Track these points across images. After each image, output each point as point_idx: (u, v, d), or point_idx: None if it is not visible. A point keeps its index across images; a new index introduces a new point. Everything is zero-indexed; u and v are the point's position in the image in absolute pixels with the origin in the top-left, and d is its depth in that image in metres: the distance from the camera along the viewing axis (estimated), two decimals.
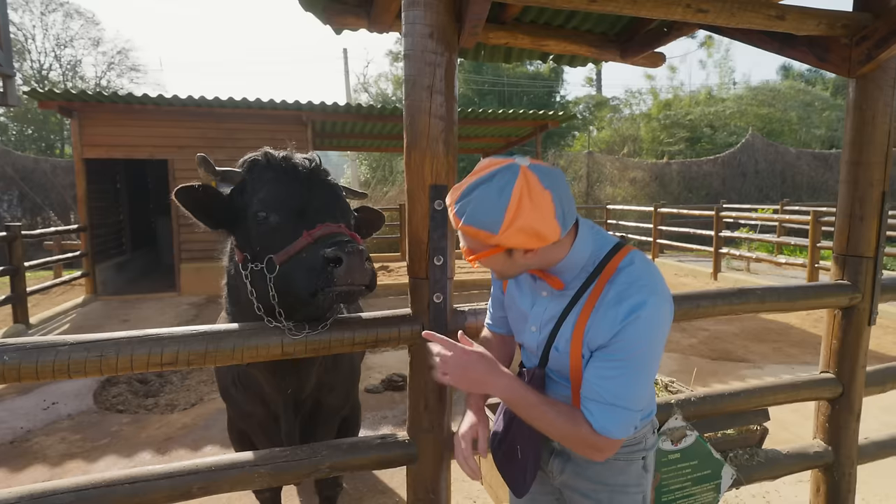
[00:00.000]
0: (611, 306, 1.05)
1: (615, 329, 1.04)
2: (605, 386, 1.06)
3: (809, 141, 22.03)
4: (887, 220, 2.02)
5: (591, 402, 1.08)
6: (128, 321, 6.60)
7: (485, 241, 1.03)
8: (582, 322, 1.09)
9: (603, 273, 1.10)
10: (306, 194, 1.48)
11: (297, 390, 1.74)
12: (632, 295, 1.04)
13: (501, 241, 1.01)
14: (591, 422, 1.07)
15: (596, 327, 1.07)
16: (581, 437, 1.07)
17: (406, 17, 1.43)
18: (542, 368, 1.21)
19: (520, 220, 0.98)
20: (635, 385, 1.06)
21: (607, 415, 1.06)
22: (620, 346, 1.04)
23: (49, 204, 14.78)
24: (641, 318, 1.02)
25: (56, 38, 23.94)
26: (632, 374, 1.06)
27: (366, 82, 25.85)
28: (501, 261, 1.08)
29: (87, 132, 7.59)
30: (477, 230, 1.01)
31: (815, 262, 7.89)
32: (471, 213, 1.01)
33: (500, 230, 0.99)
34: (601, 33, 2.91)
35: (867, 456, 2.21)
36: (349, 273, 1.26)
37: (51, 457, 3.27)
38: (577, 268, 1.12)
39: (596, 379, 1.07)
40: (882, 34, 1.86)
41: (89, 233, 7.86)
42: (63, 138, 22.51)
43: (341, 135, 9.95)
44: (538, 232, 1.00)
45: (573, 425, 1.07)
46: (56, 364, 1.23)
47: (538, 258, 1.09)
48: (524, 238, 1.00)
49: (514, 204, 0.98)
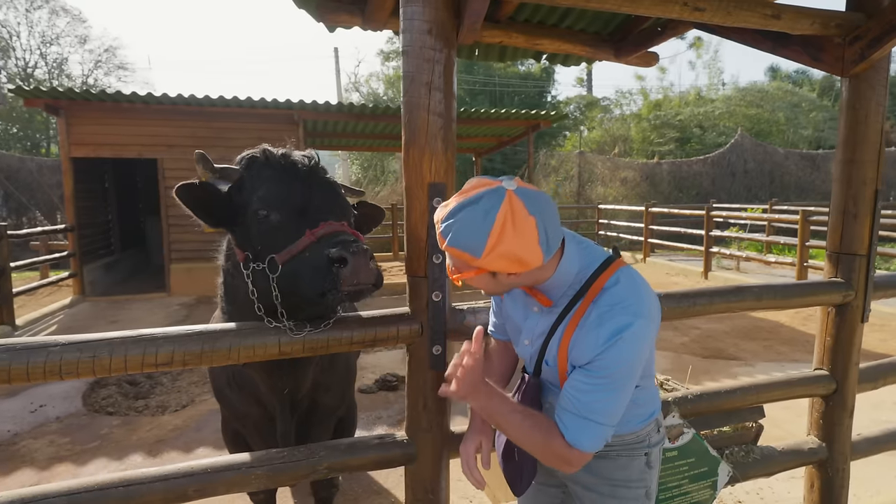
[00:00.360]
0: (592, 328, 1.07)
1: (597, 351, 1.06)
2: (581, 399, 1.08)
3: (797, 141, 22.29)
4: (880, 218, 2.04)
5: (565, 412, 1.10)
6: (117, 322, 6.51)
7: (468, 262, 1.04)
8: (566, 340, 1.12)
9: (588, 293, 1.11)
10: (306, 192, 1.46)
11: (293, 390, 1.72)
12: (614, 317, 1.06)
13: (483, 265, 1.03)
14: (564, 433, 1.09)
15: (578, 347, 1.09)
16: (552, 448, 1.10)
17: (404, 12, 1.41)
18: (537, 377, 1.25)
19: (502, 245, 0.99)
20: (611, 402, 1.08)
21: (580, 428, 1.08)
22: (601, 366, 1.06)
23: (35, 204, 14.56)
24: (623, 340, 1.04)
25: (41, 36, 23.60)
26: (609, 392, 1.07)
27: (357, 82, 25.72)
28: (486, 281, 1.10)
29: (75, 131, 7.48)
30: (461, 252, 1.03)
31: (805, 260, 7.98)
32: (455, 234, 1.02)
33: (482, 255, 1.00)
34: (595, 33, 2.91)
35: (860, 452, 2.23)
36: (355, 273, 1.26)
37: (38, 460, 3.21)
38: (564, 286, 1.14)
39: (573, 391, 1.09)
40: (875, 34, 1.88)
41: (77, 233, 7.75)
42: (49, 137, 22.19)
43: (333, 134, 9.90)
44: (520, 258, 1.01)
45: (546, 437, 1.10)
46: (47, 365, 1.20)
47: (522, 280, 1.11)
48: (506, 263, 1.02)
49: (498, 229, 0.99)
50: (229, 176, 1.52)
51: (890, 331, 6.10)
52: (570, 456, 1.09)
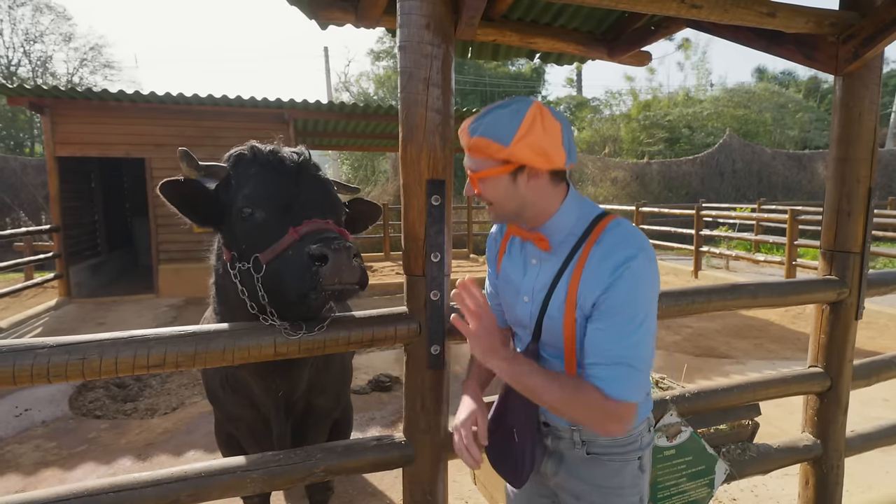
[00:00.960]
0: (600, 261, 1.06)
1: (606, 283, 1.04)
2: (606, 346, 1.04)
3: (783, 142, 22.57)
4: (873, 216, 2.05)
5: (595, 367, 1.05)
6: (104, 324, 6.41)
7: (495, 154, 1.07)
8: (574, 284, 1.09)
9: (591, 235, 1.11)
10: (293, 189, 1.42)
11: (288, 392, 1.69)
12: (620, 249, 1.06)
13: (512, 152, 1.05)
14: (602, 387, 1.02)
15: (586, 284, 1.07)
16: (594, 405, 1.02)
17: (402, 7, 1.39)
18: (536, 343, 1.20)
19: (531, 136, 1.04)
20: (636, 341, 1.03)
21: (616, 377, 1.02)
22: (614, 301, 1.04)
23: (19, 204, 14.31)
24: (632, 270, 1.03)
25: (25, 33, 23.23)
26: (630, 329, 1.03)
27: (347, 81, 25.62)
28: (504, 187, 1.11)
29: (60, 129, 7.35)
30: (489, 141, 1.06)
31: (793, 259, 8.06)
32: (485, 126, 1.07)
33: (511, 142, 1.04)
34: (588, 32, 2.91)
35: (854, 448, 2.24)
36: (336, 271, 1.20)
37: (24, 465, 3.14)
38: (565, 230, 1.14)
39: (596, 342, 1.05)
40: (868, 33, 1.89)
41: (62, 233, 7.61)
42: (33, 136, 21.85)
43: (323, 134, 9.83)
44: (547, 152, 1.06)
45: (584, 393, 1.03)
46: (35, 368, 1.16)
47: (537, 194, 1.12)
48: (533, 155, 1.06)
49: (528, 122, 1.04)
50: (216, 174, 1.48)
51: (878, 328, 6.18)
52: (616, 410, 1.02)
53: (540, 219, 1.15)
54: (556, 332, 1.14)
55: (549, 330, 1.16)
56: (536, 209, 1.14)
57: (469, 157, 1.13)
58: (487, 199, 1.15)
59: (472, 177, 1.14)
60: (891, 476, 2.90)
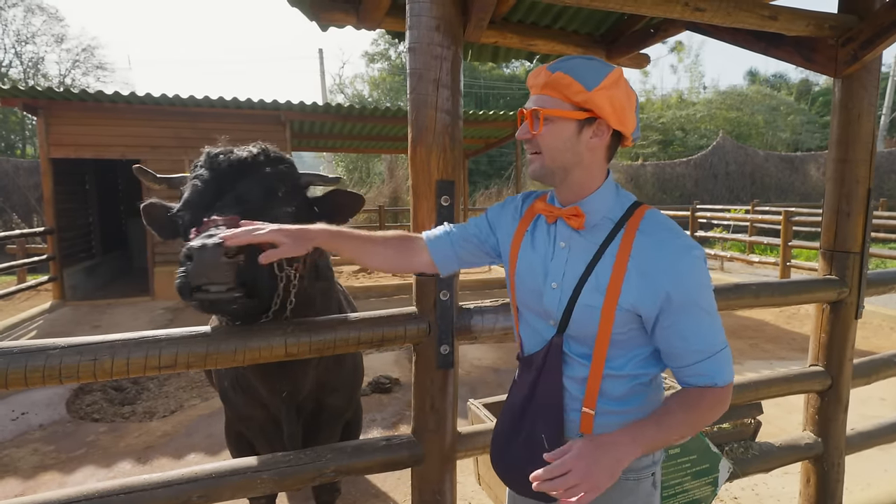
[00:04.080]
0: (656, 251, 1.01)
1: (674, 274, 0.99)
2: (700, 339, 1.02)
3: (775, 144, 22.76)
4: (872, 216, 2.08)
5: (698, 365, 1.03)
6: (99, 327, 6.35)
7: (573, 94, 1.01)
8: (619, 272, 1.02)
9: (630, 221, 1.06)
10: (220, 189, 1.36)
11: (292, 392, 1.69)
12: (676, 239, 1.02)
13: (592, 97, 1.00)
14: (713, 382, 1.03)
15: (642, 275, 1.01)
16: (713, 406, 1.03)
17: (411, 9, 1.40)
18: (560, 336, 1.10)
19: (615, 89, 1.00)
20: (719, 326, 1.04)
21: (719, 365, 1.02)
22: (692, 293, 1.00)
23: (11, 206, 14.17)
24: (698, 258, 1.01)
25: (17, 34, 23.04)
26: (712, 317, 1.03)
27: (342, 83, 25.61)
28: (567, 135, 1.04)
29: (54, 131, 7.29)
30: (571, 80, 1.00)
31: (787, 260, 8.13)
32: (570, 67, 1.02)
33: (595, 88, 0.99)
34: (587, 34, 2.93)
35: (854, 446, 2.26)
36: (200, 271, 1.12)
37: (23, 469, 3.11)
38: (602, 212, 1.08)
39: (687, 336, 1.02)
40: (867, 36, 1.91)
41: (56, 235, 7.55)
42: (25, 138, 21.67)
43: (319, 135, 9.81)
44: (624, 111, 1.02)
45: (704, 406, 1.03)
46: (46, 369, 1.15)
47: (593, 156, 1.06)
48: (610, 109, 1.01)
49: (615, 76, 1.01)
50: (178, 184, 1.49)
51: (872, 328, 6.24)
52: (727, 395, 1.04)
53: (582, 190, 1.09)
54: (589, 323, 1.05)
55: (581, 321, 1.06)
56: (584, 176, 1.08)
57: (539, 96, 1.05)
58: (541, 146, 1.06)
59: (540, 112, 1.03)
60: (890, 474, 2.93)
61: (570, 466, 0.90)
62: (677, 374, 1.07)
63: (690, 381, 1.05)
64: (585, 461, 0.91)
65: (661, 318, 1.02)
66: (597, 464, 0.91)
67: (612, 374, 1.08)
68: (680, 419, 1.01)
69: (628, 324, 1.04)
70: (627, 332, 1.05)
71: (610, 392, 1.09)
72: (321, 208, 1.57)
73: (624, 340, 1.06)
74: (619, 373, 1.08)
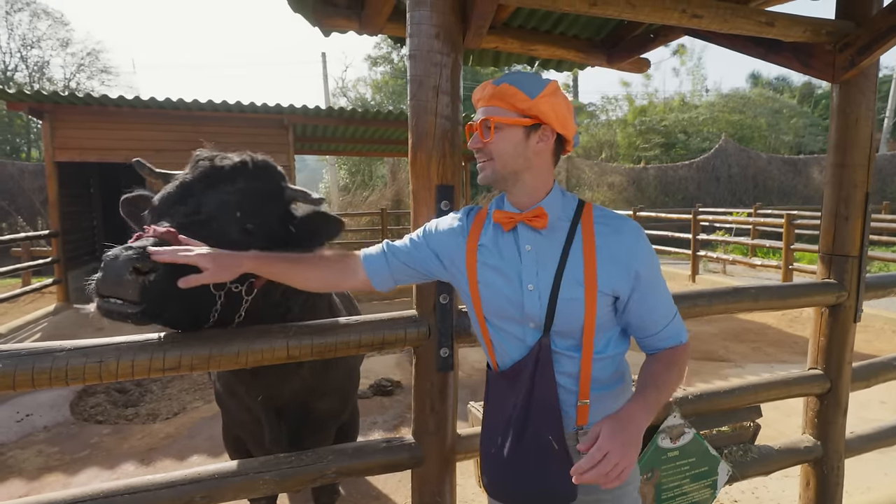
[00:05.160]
0: (615, 237, 1.13)
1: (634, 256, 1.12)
2: (661, 309, 1.16)
3: (778, 147, 22.73)
4: (870, 220, 2.09)
5: (665, 329, 1.17)
6: (103, 330, 6.31)
7: (518, 103, 1.09)
8: (591, 263, 1.12)
9: (583, 216, 1.17)
10: (186, 195, 1.34)
11: (268, 397, 1.66)
12: (625, 225, 1.15)
13: (536, 104, 1.09)
14: (680, 340, 1.18)
15: (611, 262, 1.12)
16: (683, 361, 1.17)
17: (412, 17, 1.42)
18: (547, 336, 1.12)
19: (555, 98, 1.10)
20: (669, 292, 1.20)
21: (678, 325, 1.19)
22: (649, 270, 1.14)
23: (16, 209, 14.26)
24: (644, 239, 1.16)
25: (22, 39, 23.22)
26: (664, 286, 1.19)
27: (345, 87, 25.69)
28: (516, 141, 1.12)
29: (59, 134, 7.35)
30: (516, 90, 1.09)
31: (790, 263, 8.12)
32: (513, 79, 1.11)
33: (537, 96, 1.09)
34: (588, 38, 2.95)
35: (853, 450, 2.27)
36: (105, 284, 1.14)
37: (27, 471, 3.14)
38: (556, 212, 1.17)
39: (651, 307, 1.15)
40: (864, 42, 1.93)
41: (61, 238, 7.60)
42: (30, 141, 21.80)
43: (322, 139, 9.86)
44: (565, 118, 1.12)
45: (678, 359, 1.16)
46: (53, 371, 1.18)
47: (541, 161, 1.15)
48: (553, 115, 1.10)
49: (553, 87, 1.11)
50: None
51: (874, 331, 6.23)
52: (689, 351, 1.20)
53: (535, 193, 1.16)
54: (575, 315, 1.10)
55: (566, 315, 1.10)
56: (534, 179, 1.16)
57: (486, 107, 1.13)
58: (493, 152, 1.13)
59: (490, 120, 1.10)
60: (890, 477, 2.93)
61: (608, 448, 0.93)
62: (647, 342, 1.19)
63: (661, 346, 1.18)
64: (619, 439, 0.94)
65: (634, 295, 1.14)
66: (629, 439, 0.96)
67: (599, 359, 1.16)
68: (669, 378, 1.12)
69: (605, 307, 1.14)
70: (605, 315, 1.15)
71: (599, 378, 1.16)
72: (298, 229, 1.47)
73: (602, 324, 1.15)
74: (603, 355, 1.16)
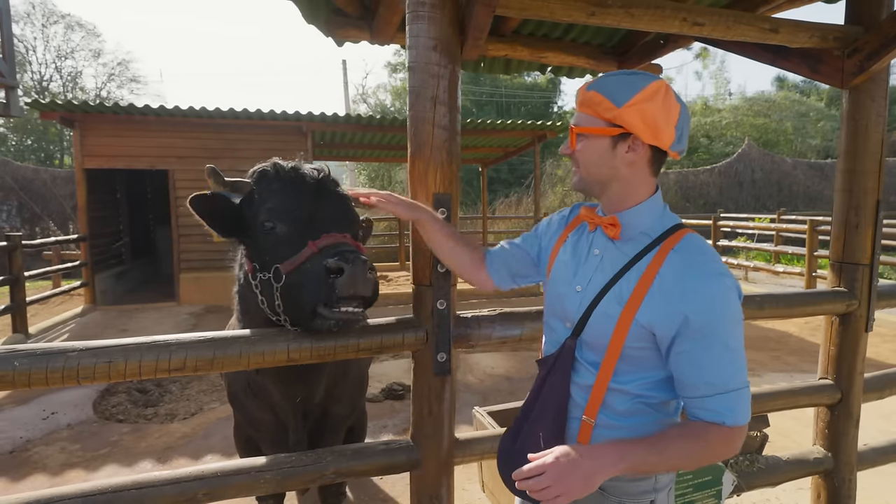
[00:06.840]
0: (683, 271, 0.99)
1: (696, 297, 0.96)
2: (718, 372, 0.97)
3: (805, 151, 22.21)
4: (882, 227, 2.05)
5: (707, 399, 0.98)
6: (126, 331, 6.58)
7: (603, 112, 1.03)
8: (643, 287, 1.01)
9: (667, 241, 1.05)
10: (313, 204, 1.49)
11: (305, 399, 1.76)
12: (708, 263, 1.00)
13: (621, 114, 1.01)
14: (721, 420, 0.97)
15: (665, 294, 0.99)
16: (714, 444, 0.98)
17: (410, 30, 1.46)
18: (575, 339, 1.10)
19: (647, 104, 1.00)
20: (740, 363, 0.99)
21: (732, 403, 0.97)
22: (711, 319, 0.96)
23: (48, 214, 14.79)
24: (726, 286, 0.97)
25: (57, 50, 24.10)
26: (736, 354, 0.98)
27: (364, 93, 26.02)
28: (601, 151, 1.06)
29: (89, 142, 7.62)
30: (602, 98, 1.02)
31: (813, 270, 7.92)
32: (603, 81, 1.04)
33: (623, 104, 1.00)
34: (598, 45, 2.96)
35: (867, 462, 2.22)
36: (351, 283, 1.26)
37: (51, 466, 3.26)
38: (640, 227, 1.08)
39: (702, 367, 0.97)
40: (873, 47, 1.90)
41: (89, 242, 7.87)
42: (63, 149, 22.58)
43: (341, 145, 10.01)
44: (657, 125, 1.01)
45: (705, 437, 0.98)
46: (65, 370, 1.24)
47: (631, 171, 1.06)
48: (641, 124, 1.01)
49: (649, 91, 1.00)
50: (241, 189, 1.57)
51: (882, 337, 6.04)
52: (739, 436, 0.99)
53: (622, 203, 1.09)
54: (603, 331, 1.05)
55: (596, 328, 1.07)
56: (623, 189, 1.09)
57: (578, 114, 1.10)
58: (579, 161, 1.11)
59: (574, 130, 1.09)
60: None
61: (545, 468, 0.92)
62: (686, 405, 1.03)
63: (697, 415, 1.00)
64: (561, 465, 0.92)
65: (677, 342, 0.99)
66: (573, 471, 0.92)
67: (617, 389, 1.07)
68: (676, 447, 0.97)
69: (642, 341, 1.02)
70: (640, 349, 1.03)
71: (612, 405, 1.08)
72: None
73: (635, 357, 1.04)
74: (623, 388, 1.06)
